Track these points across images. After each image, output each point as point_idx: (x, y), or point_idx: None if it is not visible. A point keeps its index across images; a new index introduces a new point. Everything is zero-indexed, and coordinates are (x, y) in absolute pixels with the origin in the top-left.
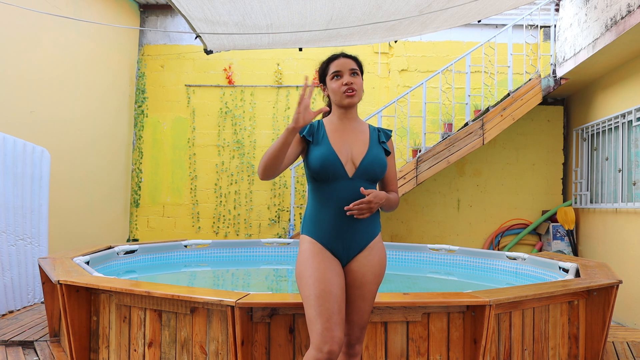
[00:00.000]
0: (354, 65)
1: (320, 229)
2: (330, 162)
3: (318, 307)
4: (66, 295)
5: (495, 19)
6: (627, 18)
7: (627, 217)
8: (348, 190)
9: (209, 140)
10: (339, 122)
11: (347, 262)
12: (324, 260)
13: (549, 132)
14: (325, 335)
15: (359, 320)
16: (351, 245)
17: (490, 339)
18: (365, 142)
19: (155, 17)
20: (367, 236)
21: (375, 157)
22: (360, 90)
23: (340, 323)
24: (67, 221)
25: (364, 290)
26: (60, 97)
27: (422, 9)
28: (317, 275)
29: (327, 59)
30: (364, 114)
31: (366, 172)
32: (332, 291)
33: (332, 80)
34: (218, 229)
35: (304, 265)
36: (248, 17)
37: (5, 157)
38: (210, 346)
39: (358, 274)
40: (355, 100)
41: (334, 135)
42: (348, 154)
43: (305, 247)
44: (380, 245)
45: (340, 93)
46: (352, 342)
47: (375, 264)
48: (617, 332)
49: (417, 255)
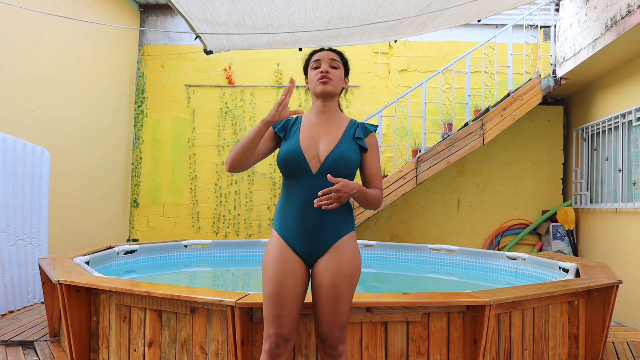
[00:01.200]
0: (335, 57)
1: (285, 225)
2: (293, 158)
3: (268, 307)
4: (66, 295)
5: (495, 19)
6: (627, 18)
7: (627, 217)
8: (312, 187)
9: (209, 140)
10: (315, 117)
11: (314, 261)
12: (282, 262)
13: (549, 132)
14: (270, 331)
15: (336, 321)
16: (315, 243)
17: (490, 339)
18: (337, 137)
19: (155, 17)
20: (333, 235)
21: (341, 153)
22: (336, 81)
23: (287, 323)
24: (67, 221)
25: (335, 292)
26: (60, 97)
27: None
28: (273, 277)
29: (311, 51)
30: (364, 114)
31: (330, 168)
32: (283, 294)
33: (312, 70)
34: (218, 229)
35: (265, 262)
36: (248, 17)
37: (5, 157)
38: (210, 346)
39: (326, 275)
40: (329, 87)
41: (306, 131)
42: (315, 150)
43: (271, 242)
44: (350, 245)
45: (315, 81)
46: (334, 343)
47: (343, 264)
48: (617, 332)
49: (417, 255)
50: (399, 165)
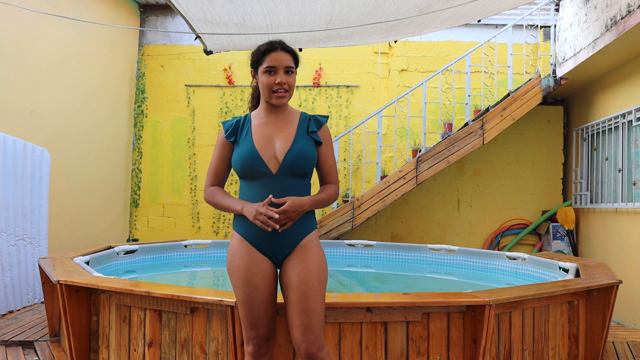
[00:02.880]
0: (291, 63)
1: (248, 227)
2: (250, 161)
3: (245, 311)
4: (66, 295)
5: (495, 19)
6: (627, 18)
7: (627, 217)
8: (274, 188)
9: (209, 140)
10: (265, 116)
11: (281, 261)
12: (250, 263)
13: (549, 132)
14: (250, 334)
15: (308, 322)
16: (281, 243)
17: (490, 339)
18: (291, 134)
19: (155, 17)
20: (298, 234)
21: (299, 150)
22: (292, 89)
23: (265, 324)
24: (67, 221)
25: (304, 289)
26: (60, 97)
27: (421, 8)
28: (243, 280)
29: (265, 48)
30: (364, 114)
31: (290, 167)
32: (257, 297)
33: (265, 74)
34: (218, 229)
35: (231, 266)
36: (248, 17)
37: (5, 157)
38: (210, 346)
39: (293, 274)
40: (285, 101)
41: (258, 131)
42: (272, 149)
43: (234, 245)
44: (315, 242)
45: (269, 91)
46: (312, 350)
47: (310, 261)
48: (617, 332)
49: (417, 255)
50: (399, 165)
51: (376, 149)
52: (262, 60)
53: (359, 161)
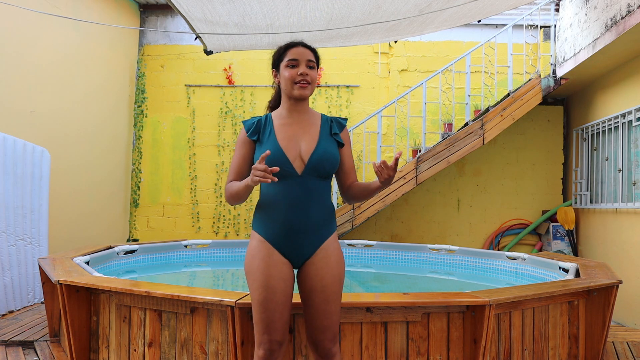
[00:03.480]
0: (312, 57)
1: (270, 228)
2: (275, 160)
3: (260, 313)
4: (66, 295)
5: (495, 19)
6: (627, 18)
7: (627, 217)
8: (298, 188)
9: (209, 140)
10: (288, 115)
11: (301, 263)
12: (270, 265)
13: (549, 132)
14: (263, 338)
15: (329, 323)
16: (303, 245)
17: (490, 339)
18: (315, 135)
19: (155, 17)
20: (320, 236)
21: (324, 152)
22: (314, 83)
23: (279, 328)
24: (67, 221)
25: (327, 293)
26: (59, 97)
27: (421, 8)
28: (261, 281)
29: (285, 45)
30: (364, 114)
31: (316, 168)
32: (274, 299)
33: (287, 68)
34: (218, 229)
35: (250, 267)
36: (248, 17)
37: (5, 157)
38: (210, 346)
39: (317, 278)
40: (307, 92)
41: (281, 130)
42: (297, 150)
43: (254, 245)
44: (335, 245)
45: (292, 83)
46: (328, 346)
47: (332, 264)
48: (617, 332)
49: (417, 255)
50: (399, 165)
51: (376, 149)
52: (284, 56)
53: (359, 161)
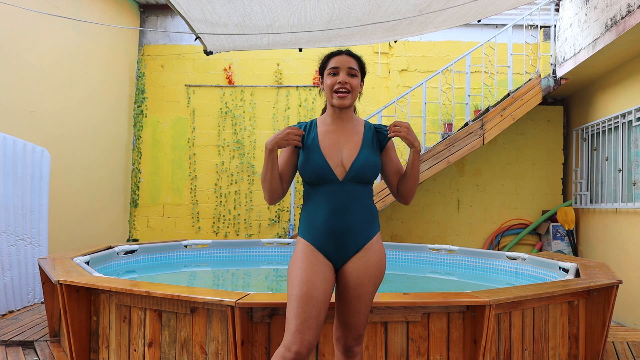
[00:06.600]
0: (354, 65)
1: (314, 232)
2: (319, 168)
3: (296, 309)
4: (66, 295)
5: (495, 19)
6: (627, 18)
7: (627, 217)
8: (340, 194)
9: (209, 140)
10: (331, 122)
11: (342, 264)
12: (313, 263)
13: (549, 132)
14: (296, 336)
15: (357, 321)
16: (346, 247)
17: (490, 339)
18: (357, 143)
19: (155, 17)
20: (363, 238)
21: (365, 160)
22: (355, 91)
23: (314, 327)
24: (67, 221)
25: (360, 292)
26: (59, 97)
27: (421, 8)
28: (303, 277)
29: (330, 52)
30: (364, 114)
31: (357, 175)
32: (314, 295)
33: (328, 76)
34: (218, 229)
35: (293, 266)
36: (248, 17)
37: (5, 157)
38: (210, 346)
39: (353, 275)
40: (347, 102)
41: (325, 137)
42: (339, 157)
43: (299, 248)
44: (378, 246)
45: (331, 91)
46: (351, 344)
47: (371, 265)
48: (617, 332)
49: (417, 255)
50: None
51: None
52: (327, 64)
53: None
